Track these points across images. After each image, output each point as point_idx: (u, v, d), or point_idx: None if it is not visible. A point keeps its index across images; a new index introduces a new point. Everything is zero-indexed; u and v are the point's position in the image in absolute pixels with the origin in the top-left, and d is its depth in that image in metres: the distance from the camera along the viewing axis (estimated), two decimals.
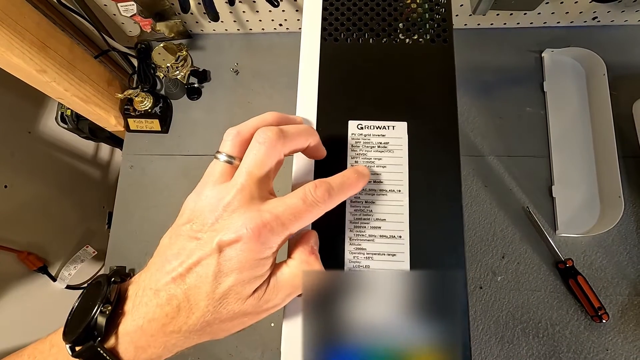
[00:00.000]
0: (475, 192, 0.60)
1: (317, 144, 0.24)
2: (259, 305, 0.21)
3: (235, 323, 0.21)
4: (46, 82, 0.55)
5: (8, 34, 0.47)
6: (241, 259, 0.19)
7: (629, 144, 0.58)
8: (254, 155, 0.21)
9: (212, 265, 0.19)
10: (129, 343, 0.20)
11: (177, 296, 0.20)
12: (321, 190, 0.21)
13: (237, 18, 0.68)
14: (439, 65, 0.28)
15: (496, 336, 0.54)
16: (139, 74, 0.69)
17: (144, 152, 0.69)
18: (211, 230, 0.20)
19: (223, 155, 0.22)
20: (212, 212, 0.20)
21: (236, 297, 0.20)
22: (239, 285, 0.20)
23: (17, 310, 0.73)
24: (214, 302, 0.20)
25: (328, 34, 0.29)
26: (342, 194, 0.22)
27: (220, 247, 0.19)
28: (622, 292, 0.54)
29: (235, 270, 0.19)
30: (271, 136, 0.21)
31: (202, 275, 0.20)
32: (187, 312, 0.20)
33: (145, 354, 0.21)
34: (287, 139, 0.22)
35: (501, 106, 0.64)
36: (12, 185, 0.73)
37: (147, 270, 0.22)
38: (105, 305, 0.21)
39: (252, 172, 0.21)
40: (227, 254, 0.19)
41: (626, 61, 0.63)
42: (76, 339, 0.20)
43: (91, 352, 0.20)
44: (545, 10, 0.63)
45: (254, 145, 0.21)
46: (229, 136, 0.23)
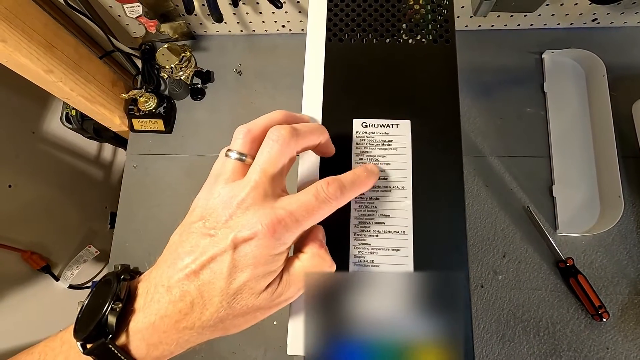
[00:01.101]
0: (476, 192, 0.61)
1: (327, 141, 0.24)
2: (272, 300, 0.21)
3: (248, 318, 0.21)
4: (53, 82, 0.56)
5: (16, 35, 0.48)
6: (256, 255, 0.20)
7: (629, 144, 0.59)
8: (268, 152, 0.21)
9: (226, 261, 0.20)
10: (140, 340, 0.20)
11: (191, 292, 0.20)
12: (333, 187, 0.21)
13: (241, 19, 0.69)
14: (441, 65, 0.29)
15: (497, 334, 0.55)
16: (143, 74, 0.69)
17: (147, 152, 0.69)
18: (225, 227, 0.20)
19: (234, 152, 0.22)
20: (226, 209, 0.21)
21: (250, 292, 0.20)
22: (253, 280, 0.20)
23: (20, 310, 0.73)
24: (228, 298, 0.20)
25: (333, 35, 0.30)
26: (353, 191, 0.23)
27: (235, 243, 0.20)
28: (622, 291, 0.54)
29: (250, 266, 0.20)
30: (284, 134, 0.21)
31: (216, 272, 0.20)
32: (200, 308, 0.20)
33: (157, 350, 0.21)
34: (300, 137, 0.22)
35: (502, 107, 0.64)
36: (16, 185, 0.74)
37: (157, 268, 0.22)
38: (115, 302, 0.21)
39: (266, 170, 0.21)
40: (242, 250, 0.20)
41: (626, 62, 0.63)
42: (87, 336, 0.21)
43: (102, 349, 0.20)
44: (546, 12, 0.63)
45: (268, 143, 0.21)
46: (240, 134, 0.23)
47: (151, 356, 0.21)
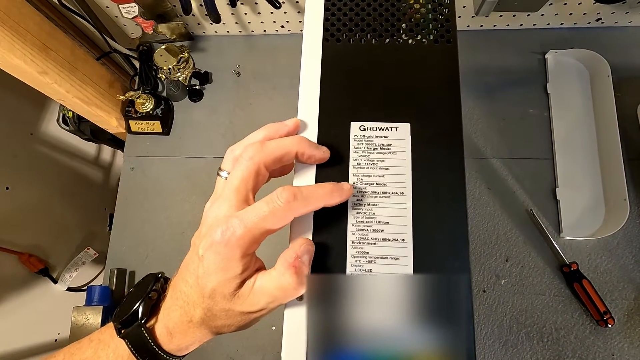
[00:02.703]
0: (478, 194, 0.60)
1: (305, 151, 0.24)
2: (246, 306, 0.23)
3: (235, 320, 0.24)
4: (47, 83, 0.55)
5: (9, 35, 0.47)
6: (217, 261, 0.22)
7: (634, 146, 0.58)
8: (237, 169, 0.24)
9: (199, 269, 0.23)
10: (163, 328, 0.25)
11: (186, 293, 0.24)
12: (286, 194, 0.22)
13: (239, 20, 0.68)
14: (442, 66, 0.28)
15: (500, 340, 0.53)
16: (140, 75, 0.69)
17: (145, 154, 0.68)
18: (202, 239, 0.23)
19: (224, 172, 0.26)
20: (204, 223, 0.24)
21: (222, 296, 0.23)
22: (221, 285, 0.22)
23: (18, 312, 0.73)
24: (207, 300, 0.23)
25: (330, 35, 0.29)
26: (310, 201, 0.23)
27: (202, 253, 0.23)
28: (627, 296, 0.53)
29: (214, 272, 0.22)
30: (251, 151, 0.24)
31: (195, 278, 0.23)
32: (192, 309, 0.24)
33: (175, 340, 0.25)
34: (265, 152, 0.24)
35: (504, 108, 0.63)
36: (14, 187, 0.73)
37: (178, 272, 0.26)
38: (151, 293, 0.26)
39: (232, 184, 0.24)
40: (207, 259, 0.22)
41: (631, 62, 0.62)
42: (123, 320, 0.25)
43: (135, 333, 0.25)
44: (549, 12, 0.62)
45: (239, 161, 0.24)
46: (228, 154, 0.26)
47: (172, 344, 0.25)
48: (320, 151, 0.25)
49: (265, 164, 0.24)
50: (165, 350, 0.25)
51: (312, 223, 0.25)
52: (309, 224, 0.25)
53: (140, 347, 0.24)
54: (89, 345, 0.26)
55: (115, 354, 0.25)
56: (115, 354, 0.25)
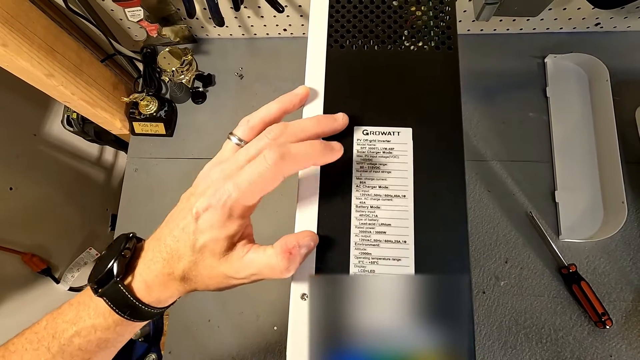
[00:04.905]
0: (478, 197, 0.60)
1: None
2: (231, 271, 0.24)
3: (214, 281, 0.25)
4: (54, 85, 0.55)
5: (17, 39, 0.48)
6: (212, 220, 0.23)
7: (632, 149, 0.58)
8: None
9: (192, 225, 0.24)
10: (141, 282, 0.25)
11: (171, 246, 0.25)
12: (273, 155, 0.23)
13: (242, 23, 0.69)
14: (443, 72, 0.28)
15: (499, 341, 0.54)
16: (144, 78, 0.69)
17: (148, 155, 0.69)
18: (197, 196, 0.25)
19: (235, 137, 0.27)
20: (200, 183, 0.26)
21: (210, 253, 0.24)
22: (212, 242, 0.24)
23: (20, 312, 0.73)
24: (195, 254, 0.24)
25: (334, 41, 0.30)
26: (299, 161, 0.24)
27: (197, 212, 0.24)
28: (625, 298, 0.54)
29: (208, 230, 0.23)
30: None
31: (186, 232, 0.24)
32: (176, 261, 0.24)
33: (154, 293, 0.26)
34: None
35: (504, 111, 0.64)
36: (17, 188, 0.74)
37: (160, 227, 0.27)
38: (124, 251, 0.26)
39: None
40: (202, 218, 0.24)
41: (629, 67, 0.63)
42: (98, 280, 0.25)
43: (112, 290, 0.25)
44: (548, 16, 0.63)
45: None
46: (243, 123, 0.27)
47: (150, 297, 0.26)
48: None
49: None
50: (145, 302, 0.25)
51: (316, 222, 0.25)
52: (312, 220, 0.26)
53: (119, 303, 0.25)
54: (69, 308, 0.27)
55: (96, 312, 0.26)
56: (96, 312, 0.26)
